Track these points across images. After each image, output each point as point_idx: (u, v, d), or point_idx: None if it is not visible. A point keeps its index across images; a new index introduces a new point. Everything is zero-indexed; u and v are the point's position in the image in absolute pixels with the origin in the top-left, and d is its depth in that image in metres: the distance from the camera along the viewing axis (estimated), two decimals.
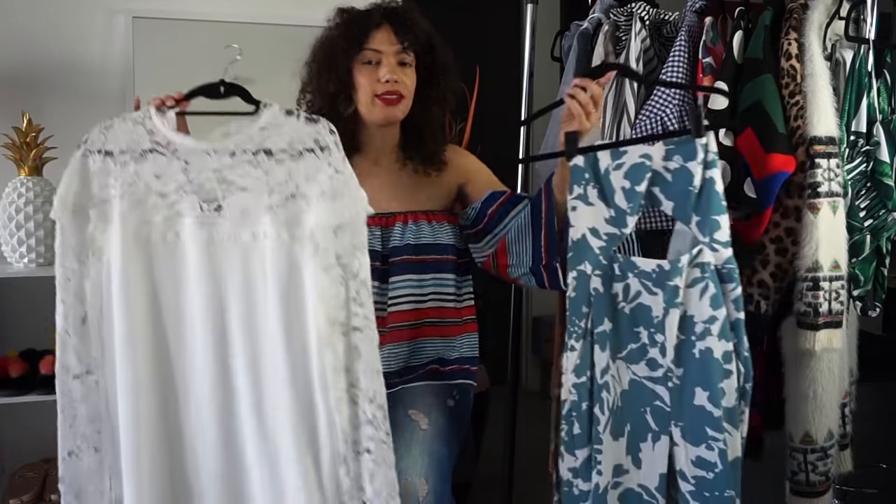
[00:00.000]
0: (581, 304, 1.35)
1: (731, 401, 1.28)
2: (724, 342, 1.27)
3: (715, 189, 1.27)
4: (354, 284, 1.24)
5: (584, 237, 1.36)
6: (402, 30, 1.54)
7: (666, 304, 1.29)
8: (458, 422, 1.58)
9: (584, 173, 1.35)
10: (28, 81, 2.21)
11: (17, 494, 2.04)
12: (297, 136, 1.25)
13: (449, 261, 1.61)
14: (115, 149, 1.27)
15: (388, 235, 1.58)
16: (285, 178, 1.25)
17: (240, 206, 1.26)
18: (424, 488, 1.38)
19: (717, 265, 1.28)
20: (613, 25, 1.87)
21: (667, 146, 1.30)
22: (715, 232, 1.28)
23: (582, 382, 1.35)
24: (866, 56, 1.60)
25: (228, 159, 1.26)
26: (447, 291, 1.61)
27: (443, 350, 1.63)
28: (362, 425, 1.25)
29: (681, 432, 1.31)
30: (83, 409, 1.29)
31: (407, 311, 1.58)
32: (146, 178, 1.27)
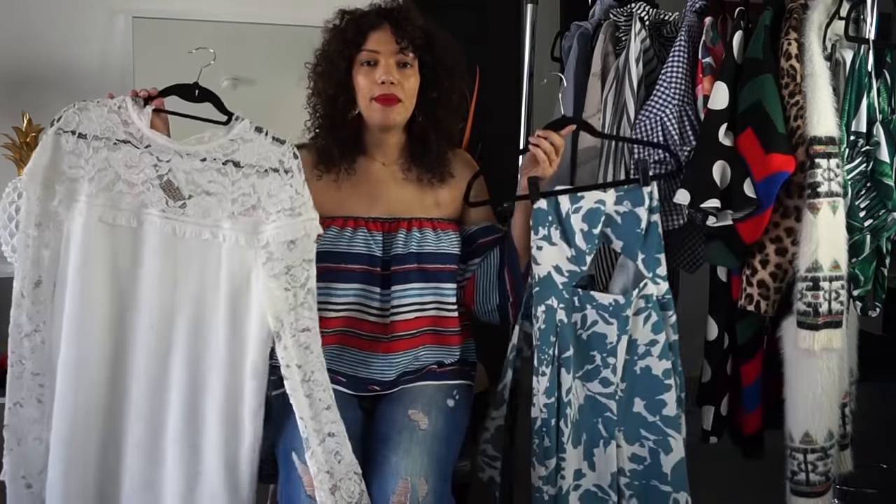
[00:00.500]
0: (549, 334, 1.52)
1: (673, 409, 1.53)
2: (664, 361, 1.53)
3: (657, 231, 1.53)
4: (302, 293, 1.37)
5: (549, 274, 1.53)
6: (400, 29, 1.52)
7: (619, 331, 1.52)
8: (459, 421, 1.59)
9: (548, 216, 1.52)
10: (28, 81, 2.21)
11: None
12: (263, 154, 1.37)
13: (451, 270, 1.61)
14: (88, 132, 1.37)
15: (390, 241, 1.57)
16: (249, 191, 1.37)
17: (203, 208, 1.38)
18: (424, 488, 1.38)
19: (658, 296, 1.53)
20: (613, 26, 1.87)
21: (617, 192, 1.53)
22: (657, 268, 1.53)
23: (551, 402, 1.52)
24: (866, 56, 1.60)
25: (199, 163, 1.37)
26: (448, 301, 1.62)
27: (442, 357, 1.63)
28: (321, 412, 1.38)
29: (623, 435, 1.55)
30: (29, 364, 1.40)
31: (410, 321, 1.58)
32: (116, 167, 1.37)
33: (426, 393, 1.57)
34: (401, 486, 1.37)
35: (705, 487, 2.36)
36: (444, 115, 1.62)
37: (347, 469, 1.39)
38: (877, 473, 2.27)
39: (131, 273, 1.39)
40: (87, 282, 1.37)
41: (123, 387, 1.40)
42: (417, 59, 1.55)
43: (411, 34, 1.53)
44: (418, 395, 1.56)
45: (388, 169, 1.63)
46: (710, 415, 1.83)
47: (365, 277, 1.55)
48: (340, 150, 1.57)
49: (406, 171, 1.62)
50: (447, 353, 1.63)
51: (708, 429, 1.84)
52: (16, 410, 1.41)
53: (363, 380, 1.56)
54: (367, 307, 1.56)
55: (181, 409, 1.39)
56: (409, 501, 1.36)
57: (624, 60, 1.80)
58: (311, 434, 1.38)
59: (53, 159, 1.36)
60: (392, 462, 1.40)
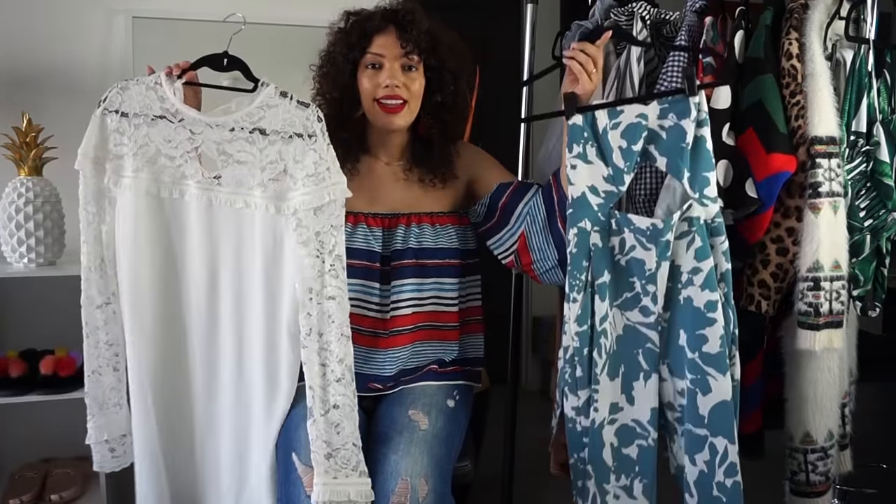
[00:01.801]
0: (582, 258, 1.44)
1: (715, 347, 1.39)
2: (707, 292, 1.39)
3: (706, 147, 1.38)
4: (330, 259, 1.39)
5: (583, 195, 1.44)
6: (405, 32, 1.52)
7: (658, 258, 1.41)
8: (459, 422, 1.58)
9: (583, 132, 1.43)
10: (28, 81, 2.21)
11: (17, 494, 2.04)
12: (288, 119, 1.40)
13: (451, 265, 1.61)
14: (129, 110, 1.43)
15: (390, 237, 1.58)
16: (276, 157, 1.40)
17: (236, 178, 1.42)
18: (425, 489, 1.38)
19: (706, 219, 1.40)
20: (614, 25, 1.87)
21: (661, 105, 1.40)
22: (705, 188, 1.39)
23: (584, 330, 1.45)
24: (866, 56, 1.60)
25: (228, 134, 1.42)
26: (447, 296, 1.61)
27: (441, 353, 1.63)
28: (331, 384, 1.40)
29: (668, 368, 1.45)
30: (103, 334, 1.51)
31: (408, 316, 1.58)
32: (157, 142, 1.43)
33: (426, 393, 1.57)
34: (401, 486, 1.37)
35: None
36: (448, 118, 1.61)
37: (346, 440, 1.40)
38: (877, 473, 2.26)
39: (179, 241, 1.46)
40: (138, 253, 1.44)
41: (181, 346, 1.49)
42: (422, 61, 1.55)
43: (416, 37, 1.52)
44: (419, 395, 1.56)
45: (390, 168, 1.63)
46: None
47: (365, 273, 1.55)
48: (344, 150, 1.58)
49: (408, 170, 1.62)
50: (445, 349, 1.63)
51: None
52: (95, 378, 1.52)
53: (364, 377, 1.56)
54: (367, 302, 1.56)
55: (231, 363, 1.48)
56: (409, 501, 1.36)
57: (625, 60, 1.79)
58: (317, 403, 1.40)
59: (101, 138, 1.43)
60: (392, 462, 1.40)
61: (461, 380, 1.66)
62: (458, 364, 1.66)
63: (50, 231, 2.02)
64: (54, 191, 2.06)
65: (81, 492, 2.13)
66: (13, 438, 2.28)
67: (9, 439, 2.28)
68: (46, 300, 2.20)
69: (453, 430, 1.55)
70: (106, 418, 1.53)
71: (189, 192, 1.44)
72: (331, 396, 1.40)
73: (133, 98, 1.43)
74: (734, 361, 1.42)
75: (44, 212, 2.00)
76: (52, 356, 2.06)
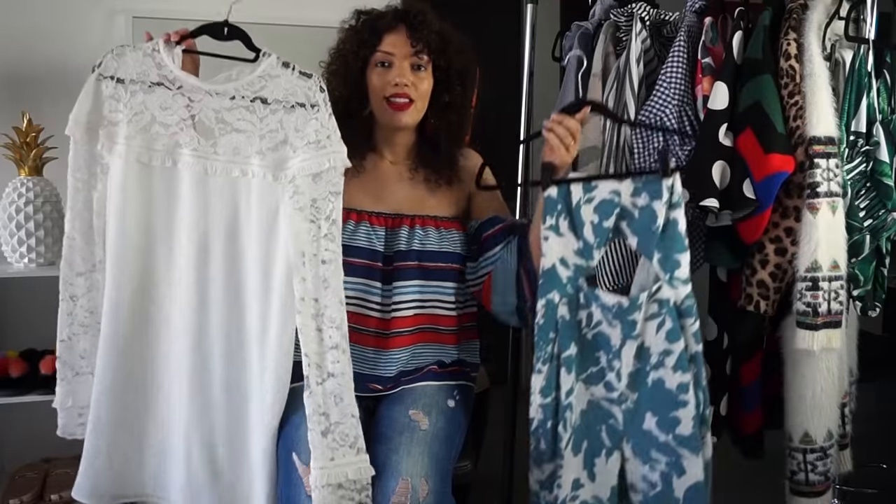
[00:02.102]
0: (549, 330, 1.44)
1: (688, 428, 1.38)
2: (679, 374, 1.38)
3: (678, 229, 1.37)
4: (326, 224, 1.39)
5: (553, 267, 1.44)
6: (415, 32, 1.53)
7: (623, 335, 1.41)
8: (459, 422, 1.58)
9: (557, 204, 1.44)
10: (28, 81, 2.21)
11: (17, 494, 2.04)
12: (290, 89, 1.39)
13: (453, 269, 1.61)
14: (126, 77, 1.40)
15: (392, 237, 1.58)
16: (277, 127, 1.39)
17: (233, 146, 1.40)
18: (425, 489, 1.38)
19: (676, 301, 1.38)
20: (614, 26, 1.87)
21: (635, 183, 1.39)
22: (675, 270, 1.38)
23: (547, 403, 1.44)
24: (866, 56, 1.60)
25: (228, 102, 1.40)
26: (447, 300, 1.61)
27: (440, 356, 1.63)
28: (328, 351, 1.39)
29: (631, 450, 1.43)
30: (84, 301, 1.48)
31: (409, 318, 1.58)
32: (152, 109, 1.40)
33: (427, 393, 1.57)
34: (401, 486, 1.37)
35: None
36: (455, 119, 1.62)
37: (343, 413, 1.38)
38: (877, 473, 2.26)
39: (168, 211, 1.43)
40: (126, 221, 1.41)
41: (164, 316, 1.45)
42: (431, 62, 1.56)
43: (427, 37, 1.54)
44: (419, 395, 1.56)
45: (395, 167, 1.64)
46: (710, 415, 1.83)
47: (366, 272, 1.55)
48: (350, 148, 1.58)
49: (413, 170, 1.63)
50: (444, 352, 1.63)
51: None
52: (68, 344, 1.49)
53: (365, 377, 1.56)
54: (369, 302, 1.56)
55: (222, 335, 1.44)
56: (409, 501, 1.36)
57: (624, 60, 1.80)
58: (313, 372, 1.38)
59: (95, 104, 1.41)
60: (393, 462, 1.40)
61: (461, 380, 1.66)
62: (458, 365, 1.66)
63: (50, 231, 2.02)
64: (54, 191, 2.07)
65: None
66: (13, 438, 2.28)
67: (9, 439, 2.28)
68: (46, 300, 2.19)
69: (453, 431, 1.55)
70: (77, 385, 1.50)
71: (182, 161, 1.41)
72: (328, 364, 1.38)
73: (129, 64, 1.40)
74: (706, 441, 1.41)
75: (44, 212, 2.01)
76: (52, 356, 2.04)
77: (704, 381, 1.40)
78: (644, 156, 1.73)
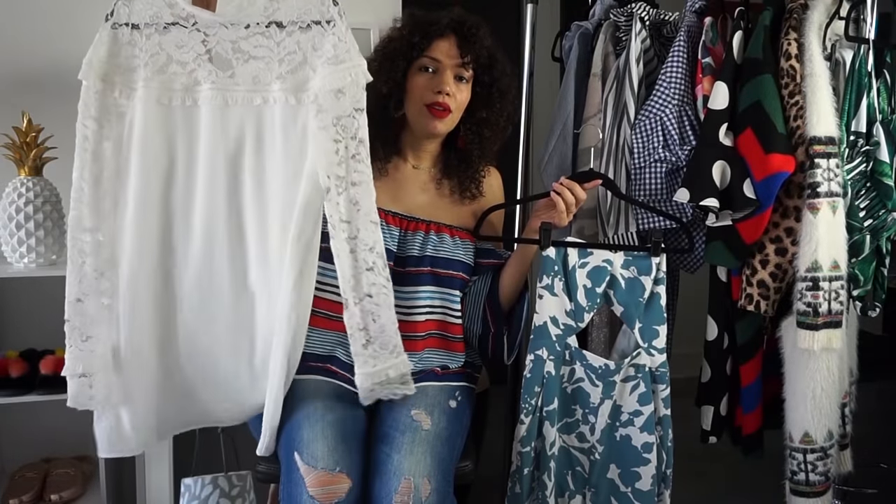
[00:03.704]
0: (535, 384, 1.54)
1: (647, 485, 1.52)
2: (645, 434, 1.52)
3: (659, 303, 1.53)
4: (353, 144, 1.36)
5: (545, 324, 1.54)
6: (466, 44, 1.54)
7: (603, 395, 1.53)
8: (461, 422, 1.58)
9: (555, 265, 1.54)
10: (28, 81, 2.21)
11: (17, 494, 2.04)
12: (304, 7, 1.36)
13: (463, 279, 1.62)
14: (140, 22, 1.38)
15: (406, 240, 1.58)
16: (294, 48, 1.37)
17: (252, 74, 1.39)
18: (427, 488, 1.38)
19: (652, 368, 1.53)
20: (614, 26, 1.87)
21: (626, 256, 1.54)
22: (654, 339, 1.53)
23: (526, 452, 1.54)
24: (866, 56, 1.60)
25: (243, 31, 1.38)
26: (454, 307, 1.62)
27: (448, 361, 1.64)
28: (363, 273, 1.39)
29: (591, 497, 1.57)
30: (91, 259, 1.41)
31: (419, 323, 1.58)
32: (168, 49, 1.39)
33: (429, 393, 1.57)
34: (403, 486, 1.37)
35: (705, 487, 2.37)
36: (489, 135, 1.64)
37: (384, 326, 1.40)
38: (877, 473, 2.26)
39: (190, 149, 1.41)
40: (148, 162, 1.39)
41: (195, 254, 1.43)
42: (474, 76, 1.56)
43: (477, 51, 1.55)
44: (421, 395, 1.56)
45: (417, 172, 1.65)
46: (710, 415, 1.83)
47: None
48: (383, 146, 1.59)
49: (437, 180, 1.64)
50: (452, 359, 1.64)
51: (707, 429, 1.84)
52: (78, 307, 1.42)
53: None
54: None
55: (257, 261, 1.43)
56: (411, 501, 1.36)
57: (624, 60, 1.80)
58: (350, 293, 1.39)
59: (112, 52, 1.38)
60: (395, 461, 1.40)
61: (463, 381, 1.66)
62: (461, 367, 1.66)
63: (50, 231, 2.02)
64: (54, 191, 2.06)
65: (81, 492, 2.13)
66: (13, 438, 2.28)
67: (9, 439, 2.28)
68: (46, 300, 2.20)
69: (456, 430, 1.55)
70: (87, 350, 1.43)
71: (202, 97, 1.40)
72: (364, 286, 1.39)
73: (140, 9, 1.39)
74: (662, 499, 1.56)
75: (44, 212, 2.00)
76: (52, 356, 2.05)
77: (670, 443, 1.54)
78: (644, 156, 1.73)
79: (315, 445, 1.38)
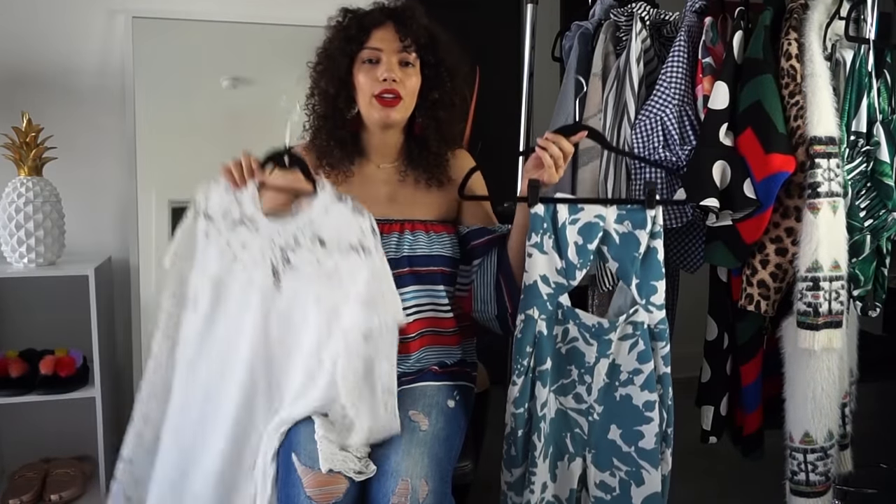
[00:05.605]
0: (526, 344, 1.49)
1: (651, 443, 1.49)
2: (646, 392, 1.48)
3: (657, 258, 1.47)
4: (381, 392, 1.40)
5: (535, 283, 1.48)
6: (404, 28, 1.52)
7: (598, 354, 1.49)
8: (459, 423, 1.58)
9: (543, 222, 1.48)
10: (28, 81, 2.21)
11: (17, 494, 2.04)
12: (344, 227, 1.40)
13: (445, 273, 1.61)
14: (215, 214, 1.46)
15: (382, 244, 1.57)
16: (333, 270, 1.40)
17: (294, 287, 1.43)
18: (425, 489, 1.38)
19: (650, 325, 1.48)
20: (614, 25, 1.87)
21: (619, 210, 1.47)
22: (652, 295, 1.47)
23: (520, 413, 1.50)
24: (866, 56, 1.60)
25: (292, 241, 1.43)
26: (442, 302, 1.61)
27: (444, 357, 1.63)
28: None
29: (593, 458, 1.53)
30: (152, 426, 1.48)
31: (411, 323, 1.58)
32: (235, 247, 1.45)
33: (427, 394, 1.57)
34: (401, 487, 1.37)
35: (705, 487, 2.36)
36: (444, 117, 1.61)
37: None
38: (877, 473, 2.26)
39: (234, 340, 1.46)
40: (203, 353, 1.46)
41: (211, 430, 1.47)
42: (420, 59, 1.55)
43: (415, 33, 1.52)
44: (419, 395, 1.56)
45: (384, 171, 1.63)
46: (710, 415, 1.83)
47: None
48: (341, 150, 1.57)
49: (403, 173, 1.62)
50: (447, 354, 1.63)
51: (708, 429, 1.84)
52: (129, 468, 1.48)
53: None
54: None
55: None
56: (409, 502, 1.36)
57: (625, 60, 1.79)
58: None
59: (190, 240, 1.46)
60: (392, 462, 1.40)
61: (461, 380, 1.66)
62: (458, 366, 1.66)
63: (50, 231, 2.02)
64: (54, 191, 2.07)
65: (81, 492, 2.14)
66: (13, 438, 2.28)
67: (9, 439, 2.28)
68: (46, 300, 2.21)
69: (453, 431, 1.54)
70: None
71: (253, 298, 1.44)
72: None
73: (215, 201, 1.45)
74: (664, 457, 1.51)
75: (44, 212, 2.01)
76: (52, 356, 2.06)
77: (670, 401, 1.50)
78: (643, 155, 1.73)
79: (313, 446, 1.38)
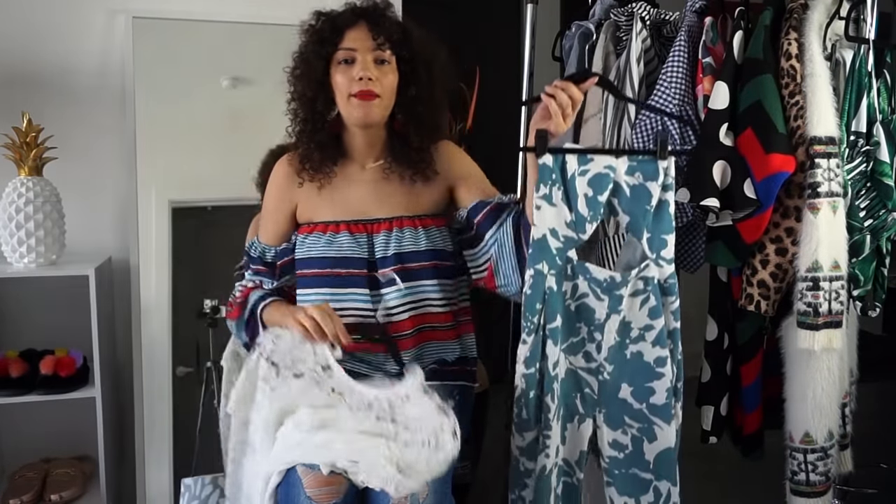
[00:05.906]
0: (536, 301, 1.43)
1: (662, 399, 1.44)
2: (658, 348, 1.43)
3: (668, 210, 1.41)
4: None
5: (544, 237, 1.43)
6: (377, 27, 1.52)
7: (609, 310, 1.43)
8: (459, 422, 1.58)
9: (552, 173, 1.41)
10: (28, 81, 2.21)
11: (17, 494, 2.04)
12: (423, 420, 1.34)
13: (438, 267, 1.60)
14: (280, 362, 1.42)
15: (373, 243, 1.57)
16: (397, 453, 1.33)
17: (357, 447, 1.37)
18: (425, 490, 1.38)
19: (661, 279, 1.42)
20: (614, 25, 1.87)
21: (630, 162, 1.40)
22: (662, 249, 1.42)
23: (531, 373, 1.45)
24: (866, 56, 1.60)
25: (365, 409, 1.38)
26: (435, 297, 1.61)
27: (443, 353, 1.63)
28: None
29: (603, 418, 1.48)
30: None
31: (405, 321, 1.57)
32: (294, 394, 1.41)
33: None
34: None
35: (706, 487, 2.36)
36: (423, 111, 1.60)
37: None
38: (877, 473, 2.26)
39: None
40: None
41: None
42: (395, 55, 1.55)
43: (388, 30, 1.52)
44: None
45: (368, 171, 1.62)
46: (710, 415, 1.83)
47: (353, 281, 1.55)
48: (322, 153, 1.57)
49: (387, 170, 1.61)
50: (446, 349, 1.63)
51: (708, 429, 1.84)
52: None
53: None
54: (364, 310, 1.56)
55: None
56: (409, 502, 1.36)
57: (625, 60, 1.79)
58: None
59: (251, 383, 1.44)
60: None
61: (461, 380, 1.66)
62: (458, 364, 1.66)
63: (50, 231, 2.02)
64: (54, 191, 2.07)
65: (81, 492, 2.13)
66: (13, 438, 2.28)
67: (9, 439, 2.28)
68: (46, 300, 2.21)
69: None
70: None
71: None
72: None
73: (284, 349, 1.42)
74: (676, 412, 1.47)
75: (44, 212, 2.00)
76: (52, 356, 2.06)
77: (680, 356, 1.45)
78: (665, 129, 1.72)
79: None
